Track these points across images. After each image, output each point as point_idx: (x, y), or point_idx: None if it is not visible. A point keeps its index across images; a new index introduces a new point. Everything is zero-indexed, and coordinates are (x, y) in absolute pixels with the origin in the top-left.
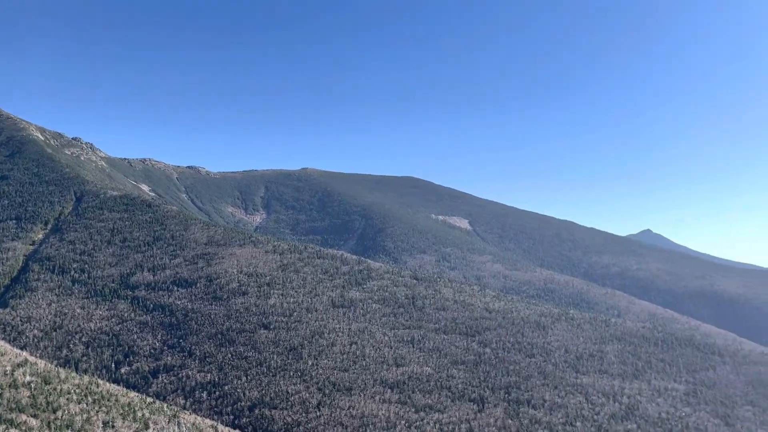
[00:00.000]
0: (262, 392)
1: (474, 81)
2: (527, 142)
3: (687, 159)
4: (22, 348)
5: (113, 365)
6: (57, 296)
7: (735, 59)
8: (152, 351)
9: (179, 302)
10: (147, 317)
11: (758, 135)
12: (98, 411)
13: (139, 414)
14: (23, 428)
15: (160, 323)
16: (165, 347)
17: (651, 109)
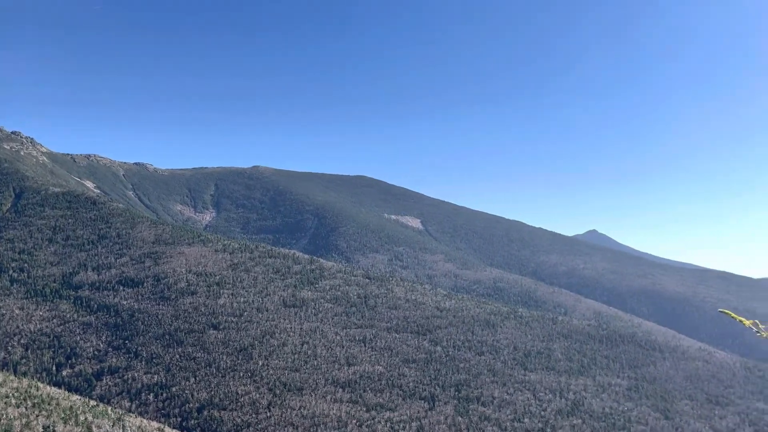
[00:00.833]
0: (211, 393)
1: (423, 82)
2: (477, 143)
3: (630, 161)
4: None
5: (54, 368)
6: None
7: (675, 64)
8: (96, 353)
9: (125, 302)
10: (91, 318)
11: (694, 138)
12: (38, 415)
13: (82, 418)
14: None
15: (105, 324)
16: (110, 349)
17: (595, 114)
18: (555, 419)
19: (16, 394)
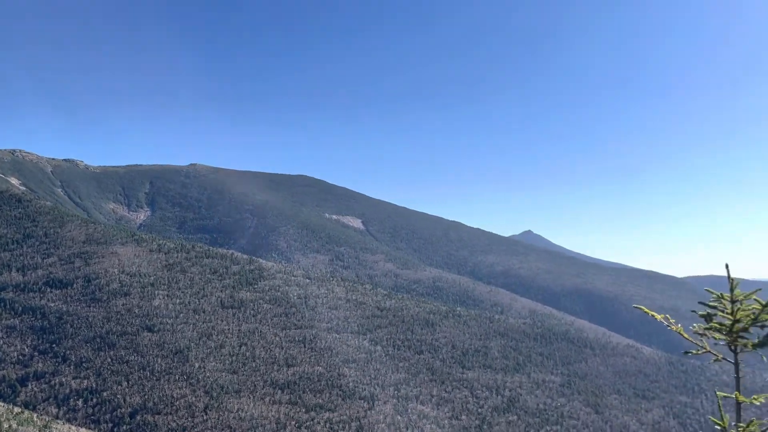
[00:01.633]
0: (145, 397)
1: (362, 81)
2: (417, 143)
3: (562, 163)
4: None
5: None
6: None
7: (615, 64)
8: (21, 357)
9: (53, 304)
10: (15, 321)
11: (625, 141)
12: None
13: (6, 425)
14: None
15: (30, 327)
16: (36, 353)
17: (530, 117)
18: (491, 416)
19: None
